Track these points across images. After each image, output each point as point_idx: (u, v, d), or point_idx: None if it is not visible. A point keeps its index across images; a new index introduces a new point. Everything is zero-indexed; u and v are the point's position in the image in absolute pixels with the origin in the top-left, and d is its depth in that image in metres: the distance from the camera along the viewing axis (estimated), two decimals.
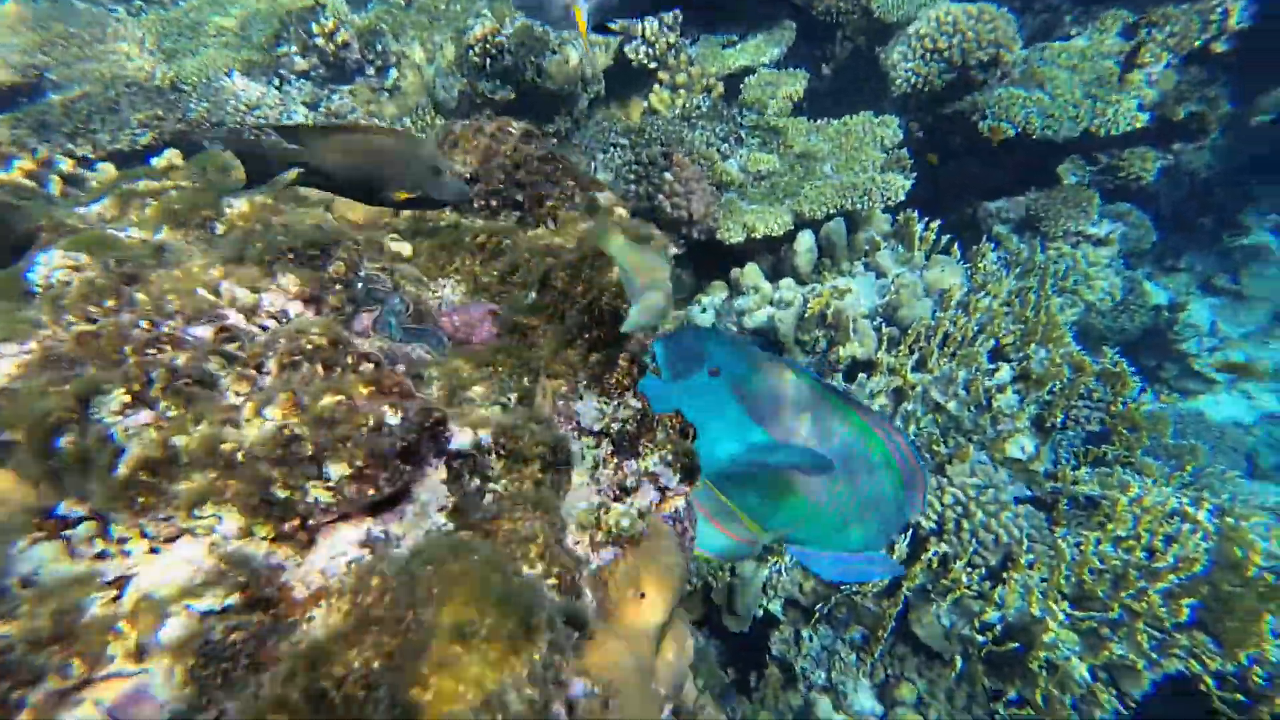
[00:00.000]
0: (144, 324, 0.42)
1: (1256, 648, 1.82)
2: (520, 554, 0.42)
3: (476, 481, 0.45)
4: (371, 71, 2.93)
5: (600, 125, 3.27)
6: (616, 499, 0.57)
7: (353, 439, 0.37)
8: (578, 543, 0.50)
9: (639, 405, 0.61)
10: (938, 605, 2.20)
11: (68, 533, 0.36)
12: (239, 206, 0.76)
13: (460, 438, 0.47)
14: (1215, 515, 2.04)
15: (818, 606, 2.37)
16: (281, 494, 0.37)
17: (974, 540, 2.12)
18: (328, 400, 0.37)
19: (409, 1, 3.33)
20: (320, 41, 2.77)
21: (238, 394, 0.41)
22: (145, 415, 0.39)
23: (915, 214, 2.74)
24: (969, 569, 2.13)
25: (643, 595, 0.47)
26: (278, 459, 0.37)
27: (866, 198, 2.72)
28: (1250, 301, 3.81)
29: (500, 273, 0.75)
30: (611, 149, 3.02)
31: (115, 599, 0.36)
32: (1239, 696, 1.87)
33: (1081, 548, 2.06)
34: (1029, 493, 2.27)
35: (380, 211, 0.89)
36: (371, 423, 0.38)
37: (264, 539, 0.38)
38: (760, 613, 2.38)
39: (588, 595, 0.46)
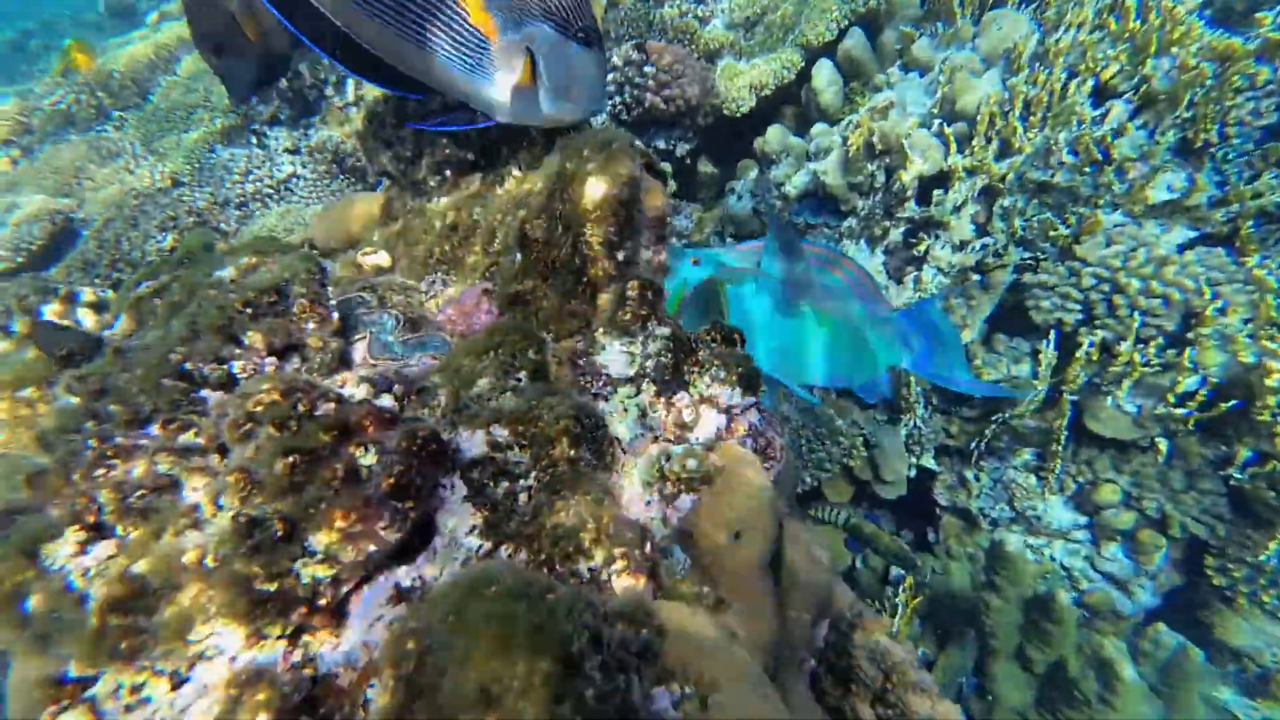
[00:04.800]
0: (93, 443, 0.40)
1: None
2: (574, 548, 0.37)
3: (505, 484, 0.40)
4: (330, 91, 2.89)
5: None
6: (678, 439, 0.50)
7: (324, 499, 0.33)
8: (649, 502, 0.44)
9: (667, 331, 0.53)
10: (1113, 395, 1.95)
11: (90, 693, 0.36)
12: (228, 272, 0.74)
13: (473, 444, 0.41)
14: None
15: (972, 445, 2.21)
16: (269, 587, 0.33)
17: (1136, 313, 1.82)
18: (280, 466, 0.33)
19: None
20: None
21: (195, 489, 0.38)
22: (105, 548, 0.37)
23: None
24: (1140, 345, 1.84)
25: (737, 535, 0.40)
26: (248, 551, 0.33)
27: None
28: None
29: (482, 246, 0.68)
30: None
31: None
32: None
33: None
34: (1196, 232, 1.89)
35: (360, 225, 0.85)
36: (341, 473, 0.33)
37: (280, 638, 0.35)
38: (913, 471, 2.26)
39: (677, 554, 0.40)
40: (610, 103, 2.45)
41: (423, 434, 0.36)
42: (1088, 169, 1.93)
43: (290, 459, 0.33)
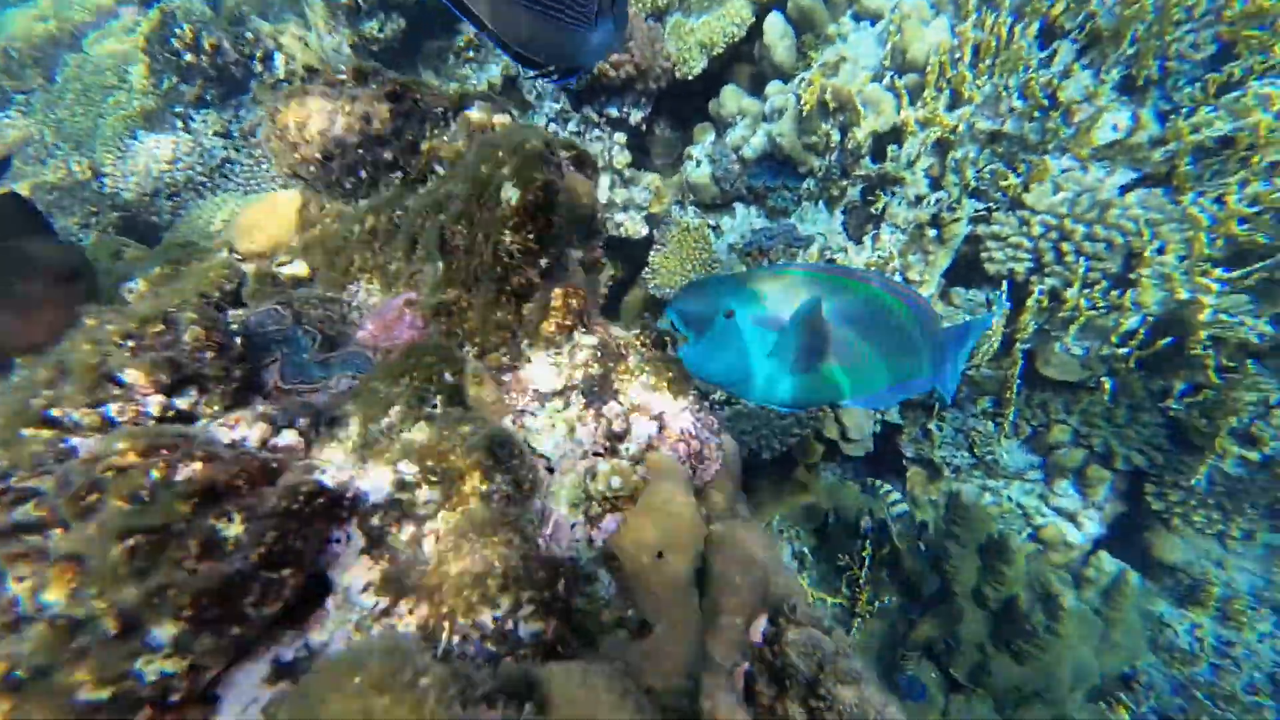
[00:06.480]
0: None
1: None
2: (479, 597, 0.36)
3: (410, 529, 0.39)
4: (259, 67, 2.70)
5: None
6: (609, 453, 0.49)
7: (172, 584, 0.30)
8: (574, 525, 0.44)
9: (594, 339, 0.51)
10: (1061, 340, 2.02)
11: None
12: (138, 287, 0.70)
13: (378, 485, 0.40)
14: None
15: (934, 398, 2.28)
16: (99, 695, 0.29)
17: (1081, 258, 1.87)
18: (117, 553, 0.29)
19: None
20: (190, 58, 2.56)
21: (20, 579, 0.33)
22: None
23: None
24: (1085, 290, 1.90)
25: (660, 555, 0.40)
26: (71, 657, 0.29)
27: None
28: None
29: (404, 253, 0.65)
30: None
31: None
32: None
33: (1223, 199, 1.74)
34: (1137, 173, 1.92)
35: (281, 227, 0.80)
36: (195, 550, 0.30)
37: None
38: (879, 427, 2.33)
39: (602, 580, 0.40)
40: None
41: (306, 490, 0.34)
42: (1036, 114, 1.93)
43: (130, 543, 0.29)
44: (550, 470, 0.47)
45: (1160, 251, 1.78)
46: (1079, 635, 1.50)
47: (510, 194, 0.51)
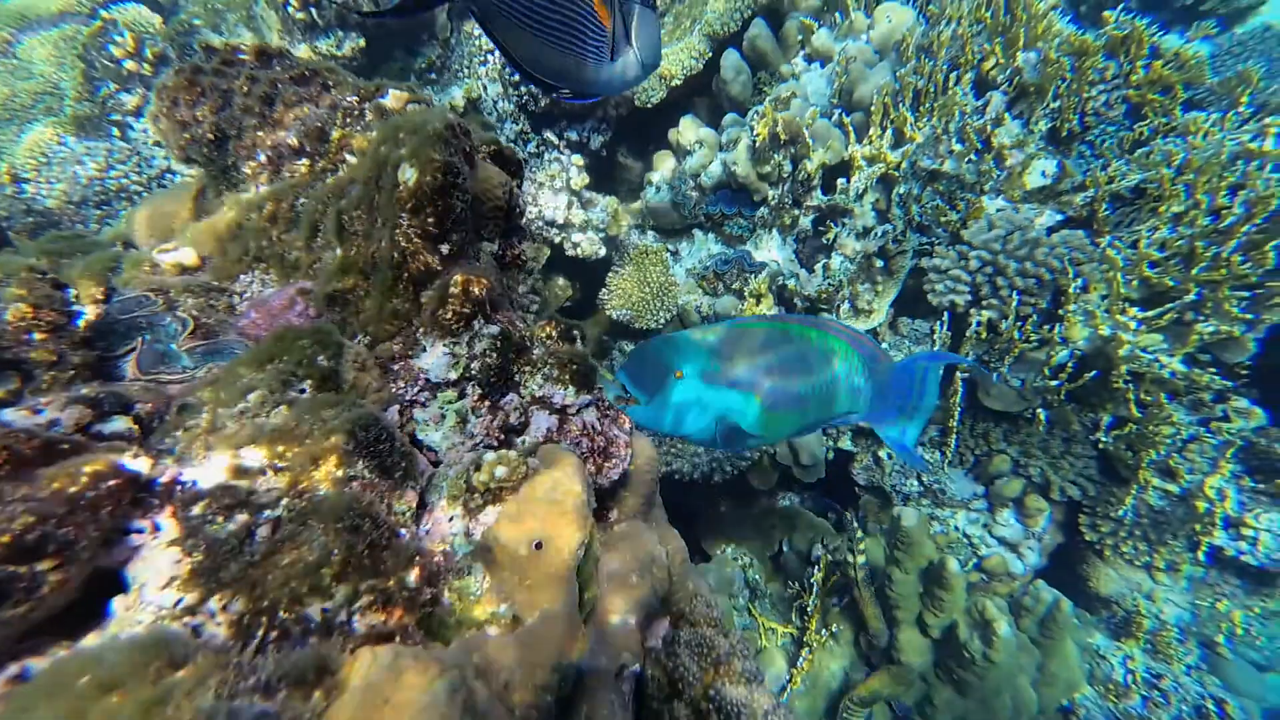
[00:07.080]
0: None
1: None
2: (308, 588, 0.32)
3: (241, 518, 0.34)
4: None
5: (472, 38, 2.88)
6: (503, 445, 0.46)
7: None
8: (452, 518, 0.40)
9: (496, 329, 0.48)
10: (998, 370, 2.09)
11: None
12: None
13: (211, 472, 0.35)
14: None
15: None
16: None
17: (1014, 293, 1.95)
18: None
19: None
20: (131, 65, 2.46)
21: None
22: None
23: None
24: (1019, 323, 1.98)
25: (539, 546, 0.37)
26: None
27: None
28: None
29: (305, 241, 0.61)
30: (489, 56, 2.67)
31: None
32: None
33: (1136, 245, 1.87)
34: (1062, 215, 2.04)
35: (174, 225, 0.75)
36: None
37: None
38: (831, 454, 2.34)
39: (477, 574, 0.37)
40: (516, 93, 2.37)
41: (90, 471, 0.29)
42: (971, 157, 2.04)
43: None
44: (436, 463, 0.43)
45: (1084, 289, 1.88)
46: (1016, 665, 1.50)
47: (408, 174, 0.49)
